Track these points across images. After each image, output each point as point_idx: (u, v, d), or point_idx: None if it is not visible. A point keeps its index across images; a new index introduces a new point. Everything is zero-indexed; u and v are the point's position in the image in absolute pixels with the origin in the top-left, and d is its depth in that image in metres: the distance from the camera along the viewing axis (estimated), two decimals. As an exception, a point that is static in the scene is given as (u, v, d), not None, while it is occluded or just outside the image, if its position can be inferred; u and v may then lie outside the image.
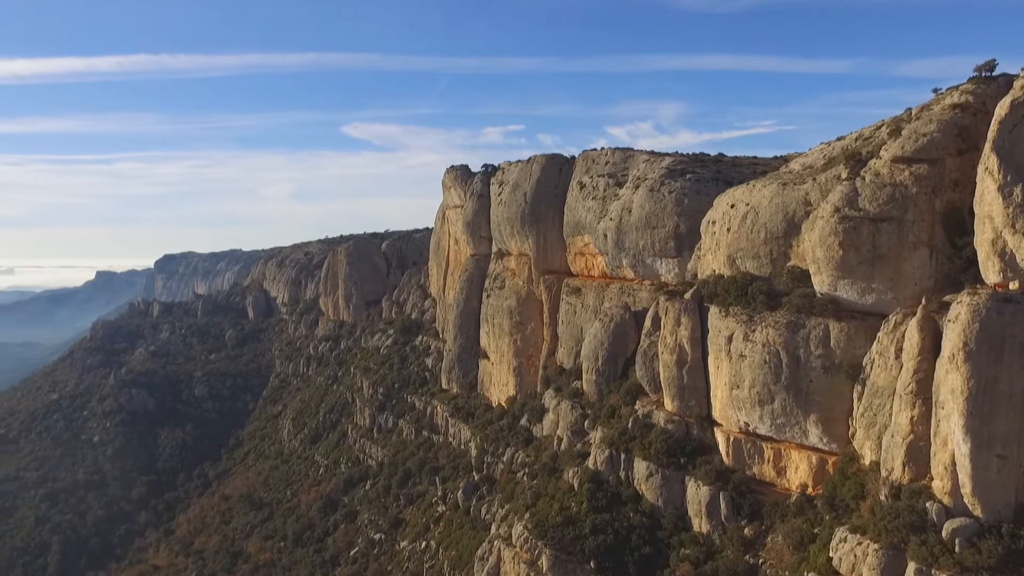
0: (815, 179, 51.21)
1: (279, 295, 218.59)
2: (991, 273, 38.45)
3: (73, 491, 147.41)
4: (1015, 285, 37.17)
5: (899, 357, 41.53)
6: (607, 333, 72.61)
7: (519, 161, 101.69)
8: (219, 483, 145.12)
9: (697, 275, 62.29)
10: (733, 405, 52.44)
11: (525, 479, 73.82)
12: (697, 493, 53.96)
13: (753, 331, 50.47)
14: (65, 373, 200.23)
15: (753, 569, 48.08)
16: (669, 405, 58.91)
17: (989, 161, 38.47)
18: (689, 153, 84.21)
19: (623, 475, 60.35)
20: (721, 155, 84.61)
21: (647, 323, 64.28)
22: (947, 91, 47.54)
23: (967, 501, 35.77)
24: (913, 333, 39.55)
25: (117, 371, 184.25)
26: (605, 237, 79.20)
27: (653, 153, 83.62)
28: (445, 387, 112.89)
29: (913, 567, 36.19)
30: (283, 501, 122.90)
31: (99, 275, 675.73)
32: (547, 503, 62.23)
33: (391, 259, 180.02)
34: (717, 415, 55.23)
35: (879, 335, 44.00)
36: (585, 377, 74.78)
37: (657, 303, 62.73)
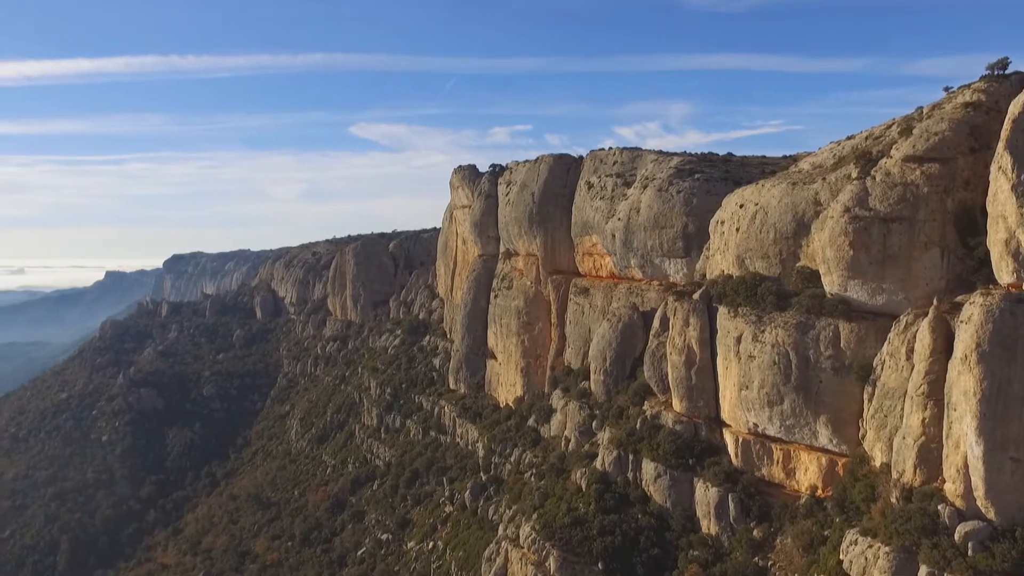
0: (825, 179, 50.83)
1: (287, 295, 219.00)
2: (1004, 273, 38.02)
3: (82, 490, 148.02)
4: (1029, 286, 36.74)
5: (910, 358, 41.13)
6: (615, 333, 72.34)
7: (527, 161, 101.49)
8: (227, 482, 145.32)
9: (706, 275, 61.92)
10: (742, 406, 52.10)
11: (533, 480, 73.62)
12: (706, 494, 53.65)
13: (762, 332, 50.11)
14: (74, 372, 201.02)
15: (762, 571, 47.79)
16: (677, 406, 58.61)
17: (1002, 160, 38.05)
18: (697, 153, 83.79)
19: (631, 476, 60.07)
20: (730, 155, 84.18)
21: (655, 323, 63.95)
22: (959, 89, 47.12)
23: (980, 504, 35.35)
24: (925, 334, 39.16)
25: (126, 371, 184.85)
26: (613, 237, 78.91)
27: (661, 153, 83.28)
28: (452, 387, 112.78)
29: (925, 571, 35.80)
30: (290, 501, 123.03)
31: (108, 275, 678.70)
32: (555, 504, 62.01)
33: (399, 259, 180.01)
34: (726, 416, 54.87)
35: (890, 336, 43.60)
36: (593, 378, 74.52)
37: (665, 303, 62.42)
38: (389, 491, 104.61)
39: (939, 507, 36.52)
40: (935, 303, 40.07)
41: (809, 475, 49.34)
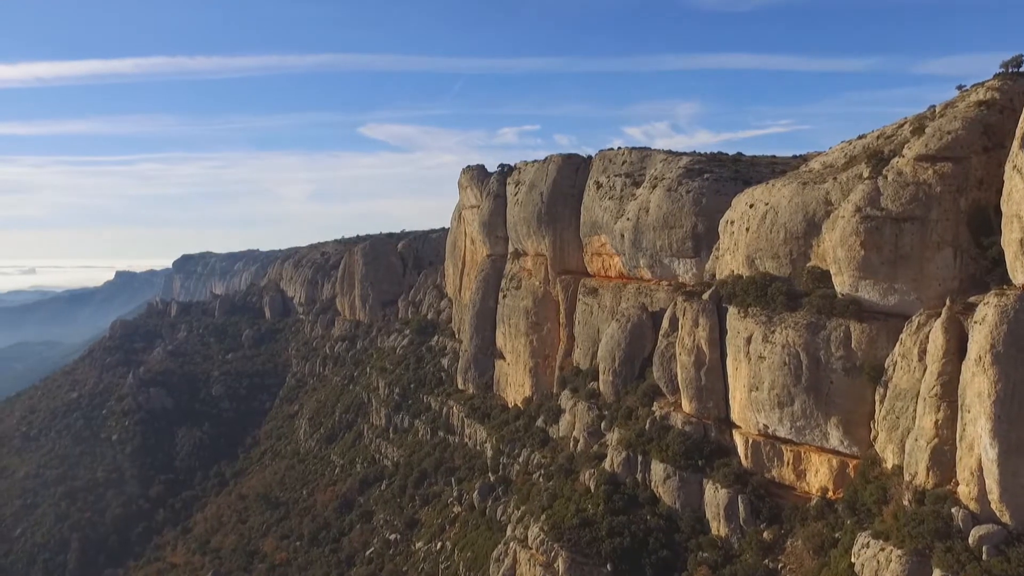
0: (836, 178, 50.42)
1: (296, 295, 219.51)
2: (1019, 274, 37.51)
3: (92, 489, 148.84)
4: (1044, 286, 36.28)
5: (923, 359, 40.70)
6: (624, 334, 72.05)
7: (535, 161, 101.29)
8: (236, 482, 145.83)
9: (715, 275, 61.60)
10: (752, 407, 51.72)
11: (541, 480, 73.43)
12: (715, 496, 53.32)
13: (772, 332, 49.73)
14: (85, 372, 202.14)
15: (772, 573, 47.39)
16: (687, 407, 58.29)
17: (1017, 159, 37.56)
18: (707, 152, 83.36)
19: (640, 477, 59.77)
20: (739, 154, 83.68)
21: (664, 324, 63.65)
22: (972, 88, 46.66)
23: (994, 507, 34.86)
24: (938, 335, 38.73)
25: (135, 370, 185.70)
26: (622, 237, 78.63)
27: (671, 152, 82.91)
28: (461, 387, 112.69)
29: (939, 574, 35.31)
30: (299, 501, 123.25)
31: (119, 275, 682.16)
32: (563, 505, 61.79)
33: (407, 259, 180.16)
34: (735, 417, 54.51)
35: (902, 336, 43.16)
36: (602, 378, 74.25)
37: (675, 304, 62.07)
38: (397, 491, 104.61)
39: (952, 510, 36.08)
40: (948, 303, 39.62)
41: (820, 477, 48.92)
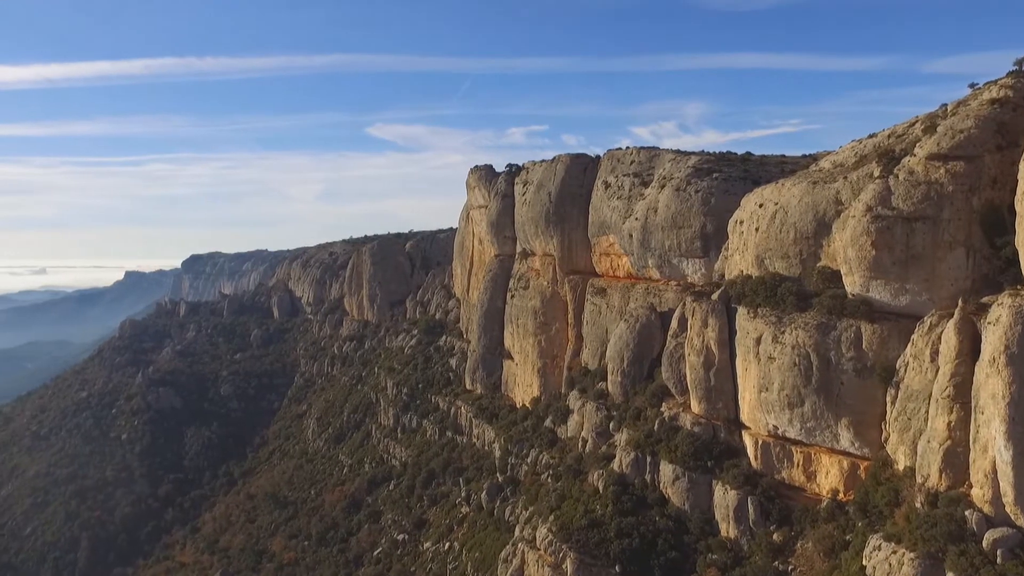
0: (846, 177, 50.02)
1: (304, 295, 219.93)
2: (1033, 274, 37.18)
3: (102, 488, 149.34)
4: (1058, 286, 35.85)
5: (935, 360, 40.33)
6: (632, 334, 71.79)
7: (543, 161, 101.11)
8: (244, 482, 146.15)
9: (724, 276, 61.32)
10: (762, 408, 51.43)
11: (549, 481, 73.21)
12: (724, 497, 53.02)
13: (782, 332, 49.42)
14: (94, 372, 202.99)
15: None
16: (696, 407, 58.01)
17: (1031, 157, 37.21)
18: (715, 152, 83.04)
19: (649, 478, 59.52)
20: (748, 154, 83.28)
21: (673, 324, 63.38)
22: (985, 86, 46.24)
23: (1009, 510, 34.43)
24: (950, 335, 38.34)
25: (145, 370, 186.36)
26: (630, 237, 78.37)
27: (679, 152, 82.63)
28: (469, 387, 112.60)
29: (951, 578, 35.00)
30: (307, 500, 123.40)
31: (128, 275, 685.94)
32: (572, 505, 61.58)
33: (415, 259, 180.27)
34: (745, 418, 54.21)
35: (914, 337, 42.78)
36: (610, 378, 74.01)
37: (684, 304, 61.81)
38: (405, 491, 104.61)
39: (966, 513, 35.67)
40: (961, 304, 39.20)
41: (830, 478, 48.58)
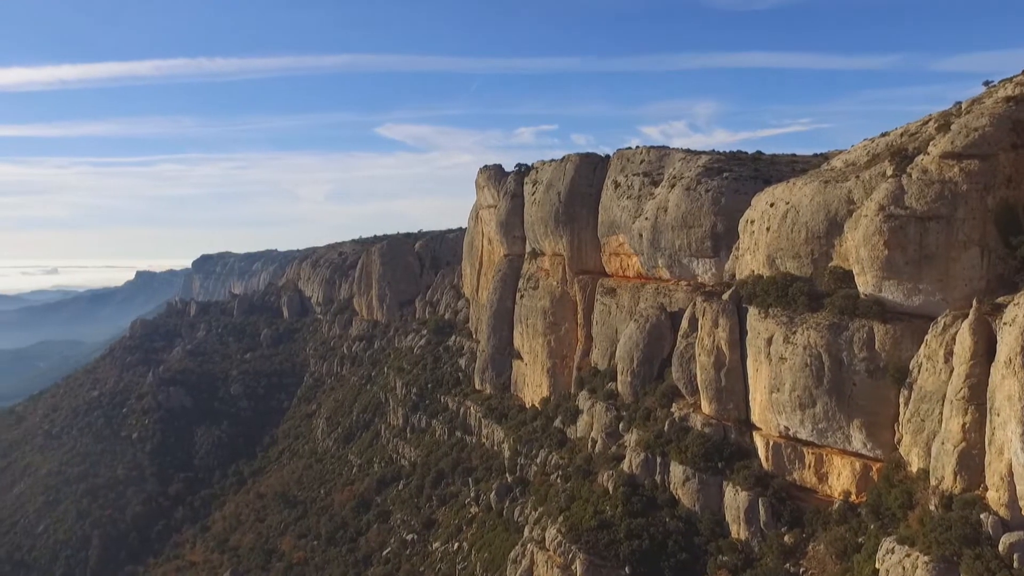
0: (858, 176, 49.59)
1: (313, 295, 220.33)
2: (1049, 274, 36.70)
3: (113, 486, 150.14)
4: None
5: (949, 361, 39.85)
6: (642, 334, 71.47)
7: (553, 160, 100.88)
8: (254, 481, 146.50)
9: (735, 275, 60.92)
10: (773, 409, 51.06)
11: (559, 481, 72.98)
12: (735, 498, 52.68)
13: (794, 333, 49.04)
14: (105, 371, 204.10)
15: (794, 578, 46.71)
16: (706, 408, 57.68)
17: (1047, 156, 36.73)
18: (726, 151, 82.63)
19: (659, 479, 59.25)
20: (759, 153, 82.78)
21: (684, 324, 63.07)
22: (1000, 83, 45.78)
23: (1025, 513, 34.06)
24: (965, 336, 37.89)
25: (155, 369, 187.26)
26: (640, 237, 78.04)
27: (689, 151, 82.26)
28: (478, 387, 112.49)
29: (966, 582, 34.56)
30: (316, 500, 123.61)
31: (139, 275, 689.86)
32: (581, 506, 61.35)
33: (424, 259, 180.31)
34: (756, 419, 53.84)
35: (927, 338, 42.31)
36: (620, 379, 73.70)
37: (694, 304, 61.51)
38: (415, 491, 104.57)
39: (981, 516, 35.19)
40: (975, 304, 38.71)
41: (842, 480, 48.18)
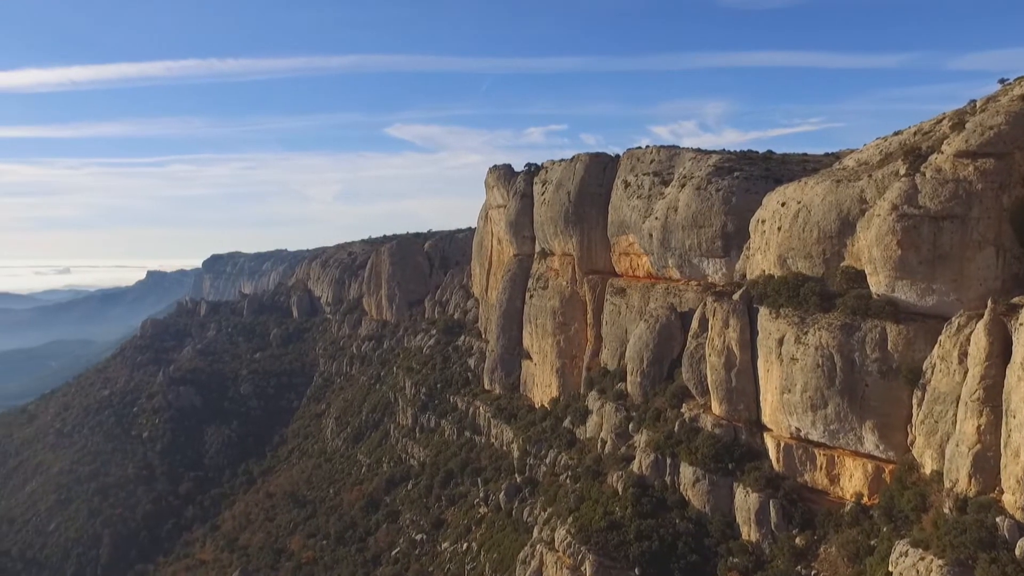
0: (871, 175, 49.18)
1: (323, 295, 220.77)
2: (1066, 274, 36.22)
3: (124, 485, 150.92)
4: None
5: (963, 362, 39.41)
6: (652, 334, 71.13)
7: (562, 160, 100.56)
8: (263, 480, 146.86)
9: (746, 275, 60.53)
10: (784, 410, 50.67)
11: (568, 482, 72.75)
12: (746, 500, 52.31)
13: (805, 333, 48.64)
14: (116, 370, 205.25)
15: (805, 580, 46.32)
16: (717, 409, 57.32)
17: (1064, 155, 36.26)
18: (736, 151, 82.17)
19: (669, 480, 58.91)
20: (770, 152, 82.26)
21: (694, 324, 62.64)
22: (1015, 81, 45.23)
23: (1041, 517, 33.61)
24: (980, 337, 37.44)
25: (166, 369, 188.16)
26: (650, 236, 77.71)
27: (700, 151, 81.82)
28: (487, 387, 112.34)
29: (981, 585, 34.12)
30: (326, 500, 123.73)
31: (150, 275, 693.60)
32: (591, 507, 61.06)
33: (434, 259, 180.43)
34: (767, 420, 53.44)
35: (941, 338, 41.84)
36: (630, 379, 73.38)
37: (704, 304, 61.08)
38: (423, 491, 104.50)
39: (997, 519, 34.71)
40: (991, 304, 38.25)
41: (854, 482, 47.74)
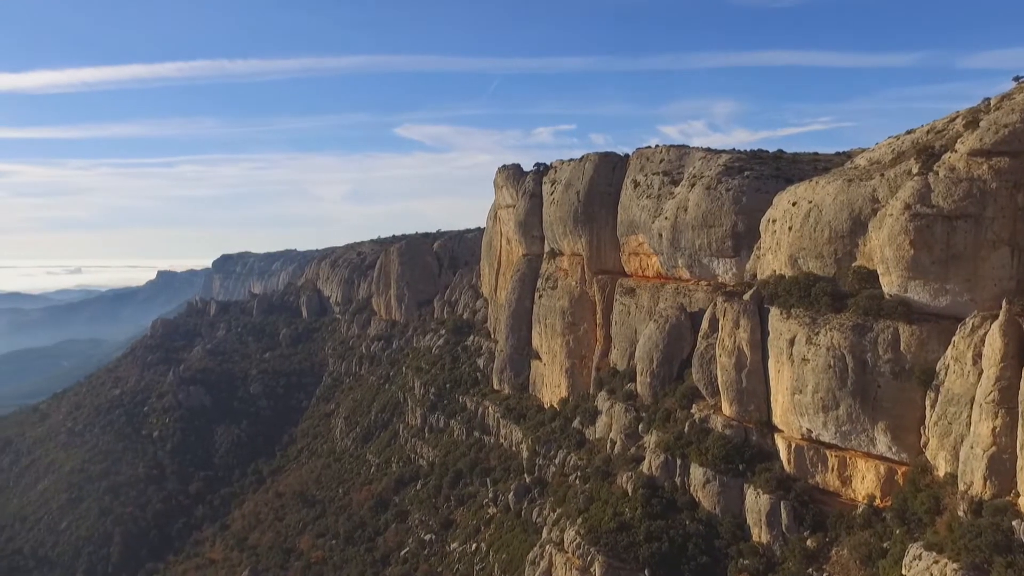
0: (883, 175, 48.80)
1: (332, 295, 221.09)
2: (1082, 274, 35.77)
3: (134, 484, 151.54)
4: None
5: (977, 363, 39.02)
6: (662, 334, 70.85)
7: (571, 160, 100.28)
8: (273, 480, 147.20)
9: (756, 275, 60.24)
10: (795, 411, 50.33)
11: (577, 482, 72.53)
12: (757, 501, 51.99)
13: (817, 334, 48.30)
14: (127, 370, 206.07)
15: (817, 583, 45.98)
16: (727, 409, 57.00)
17: (1080, 153, 35.81)
18: (747, 150, 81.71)
19: (679, 481, 58.64)
20: (780, 151, 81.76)
21: (704, 325, 62.35)
22: (1030, 79, 44.72)
23: (1057, 520, 33.21)
24: (995, 338, 37.03)
25: (176, 368, 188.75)
26: (660, 236, 77.38)
27: (709, 150, 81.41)
28: (496, 388, 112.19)
29: (997, 589, 33.72)
30: (335, 499, 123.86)
31: (160, 275, 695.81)
32: (600, 508, 60.88)
33: (443, 259, 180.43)
34: (778, 421, 53.10)
35: (955, 339, 41.45)
36: (639, 379, 73.13)
37: (714, 304, 60.76)
38: (432, 491, 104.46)
39: (1013, 523, 34.34)
40: (1005, 305, 37.86)
41: (866, 483, 47.37)
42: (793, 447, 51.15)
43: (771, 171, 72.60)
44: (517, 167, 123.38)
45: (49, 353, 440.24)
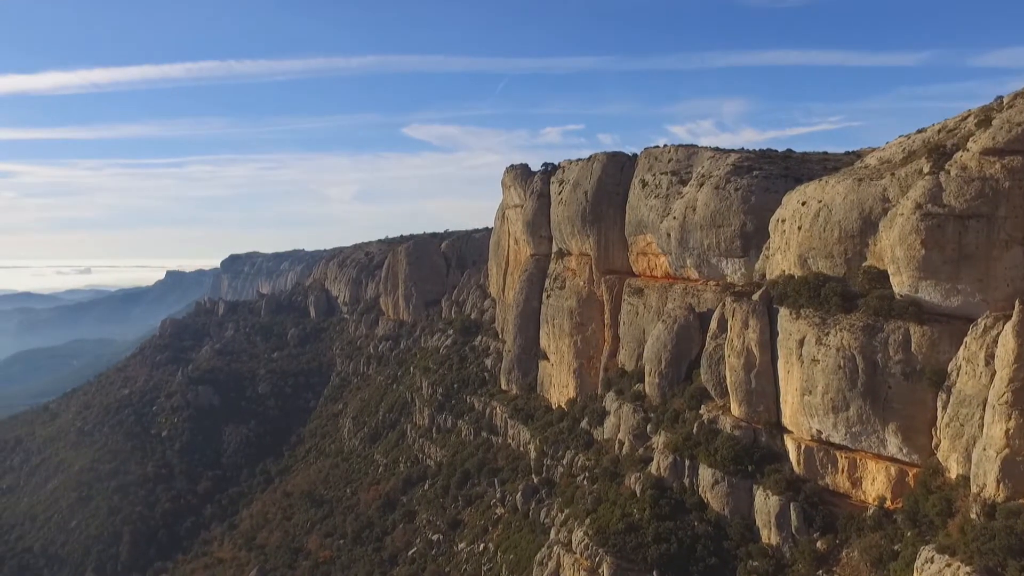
0: (894, 174, 48.35)
1: (340, 295, 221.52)
2: (1096, 274, 35.36)
3: (143, 483, 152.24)
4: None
5: (990, 364, 38.63)
6: (671, 335, 70.58)
7: (579, 159, 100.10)
8: (281, 479, 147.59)
9: (765, 275, 59.86)
10: (805, 412, 49.98)
11: (585, 483, 72.34)
12: (766, 503, 51.68)
13: (826, 334, 47.95)
14: (136, 369, 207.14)
15: (827, 585, 45.66)
16: (736, 410, 56.67)
17: (1094, 152, 35.40)
18: (755, 149, 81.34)
19: (687, 482, 58.33)
20: (790, 151, 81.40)
21: (713, 325, 62.04)
22: (1044, 77, 44.25)
23: (1072, 523, 32.82)
24: (1008, 339, 36.64)
25: (184, 368, 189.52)
26: (668, 236, 77.11)
27: (718, 150, 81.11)
28: (504, 388, 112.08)
29: (1010, 593, 33.37)
30: (343, 499, 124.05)
31: (169, 275, 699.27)
32: (608, 509, 60.64)
33: (451, 259, 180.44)
34: (787, 422, 52.75)
35: (966, 340, 41.08)
36: (647, 380, 72.89)
37: (723, 304, 60.45)
38: (440, 491, 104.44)
39: (1027, 526, 34.08)
40: (1018, 305, 37.41)
41: (877, 485, 46.97)
42: (803, 448, 50.78)
43: (780, 170, 72.23)
44: (525, 167, 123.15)
45: (59, 353, 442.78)
